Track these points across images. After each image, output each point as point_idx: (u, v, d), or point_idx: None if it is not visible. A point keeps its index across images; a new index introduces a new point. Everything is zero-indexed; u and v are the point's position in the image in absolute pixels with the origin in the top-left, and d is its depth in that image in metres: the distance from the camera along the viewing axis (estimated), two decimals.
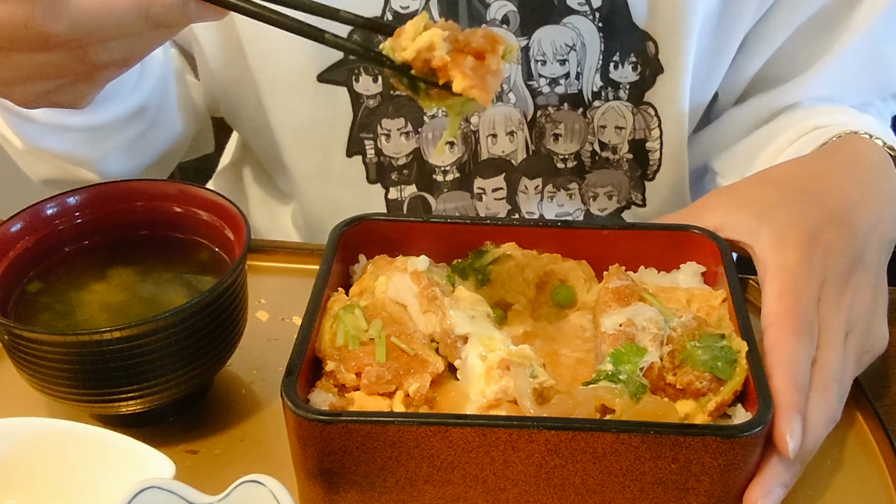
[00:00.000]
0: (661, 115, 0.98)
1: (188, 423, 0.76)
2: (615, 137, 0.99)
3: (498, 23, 0.92)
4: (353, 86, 0.94)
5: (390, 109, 0.96)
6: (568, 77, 0.95)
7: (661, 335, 0.67)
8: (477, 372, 0.66)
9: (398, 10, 0.90)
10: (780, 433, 0.63)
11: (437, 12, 0.91)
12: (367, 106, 0.95)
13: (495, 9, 0.92)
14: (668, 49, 0.93)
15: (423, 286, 0.70)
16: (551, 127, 0.98)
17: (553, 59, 0.94)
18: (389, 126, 0.96)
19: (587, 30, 0.93)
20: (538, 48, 0.94)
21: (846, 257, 0.74)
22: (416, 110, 0.96)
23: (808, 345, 0.68)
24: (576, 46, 0.93)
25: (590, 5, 0.91)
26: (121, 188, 0.81)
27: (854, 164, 0.84)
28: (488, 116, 0.97)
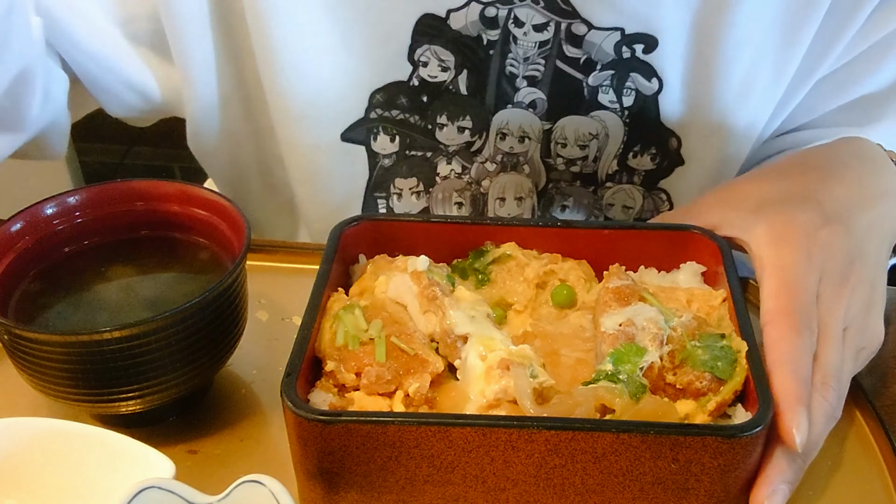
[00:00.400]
0: (674, 199, 0.98)
1: (188, 423, 0.76)
2: (621, 215, 1.00)
3: (525, 106, 0.92)
4: (370, 144, 0.95)
5: (404, 169, 0.96)
6: (585, 160, 0.96)
7: (661, 335, 0.67)
8: (477, 372, 0.66)
9: (426, 78, 0.91)
10: (787, 427, 0.63)
11: (465, 87, 0.91)
12: (382, 165, 0.96)
13: (524, 94, 0.92)
14: (693, 146, 0.93)
15: (424, 286, 0.71)
16: (560, 199, 0.99)
17: (573, 144, 0.95)
18: (402, 185, 0.97)
19: (613, 123, 0.93)
20: (561, 133, 0.94)
21: (844, 253, 0.74)
22: (429, 169, 0.96)
23: (808, 340, 0.68)
24: (598, 136, 0.94)
25: (621, 104, 0.91)
26: (121, 188, 0.81)
27: (853, 159, 0.83)
28: (500, 182, 0.98)
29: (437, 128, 0.93)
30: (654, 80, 0.90)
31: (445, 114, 0.92)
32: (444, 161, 0.96)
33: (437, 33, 0.88)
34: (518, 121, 0.93)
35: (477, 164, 0.96)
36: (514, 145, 0.94)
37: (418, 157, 0.95)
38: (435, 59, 0.90)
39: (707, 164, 0.94)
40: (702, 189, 0.96)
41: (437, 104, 0.92)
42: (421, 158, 0.95)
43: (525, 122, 0.93)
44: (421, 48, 0.89)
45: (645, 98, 0.91)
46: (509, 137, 0.94)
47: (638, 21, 0.87)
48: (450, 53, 0.90)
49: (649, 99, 0.91)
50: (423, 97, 0.92)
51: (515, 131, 0.93)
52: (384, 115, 0.93)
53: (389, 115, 0.93)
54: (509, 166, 0.96)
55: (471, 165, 0.96)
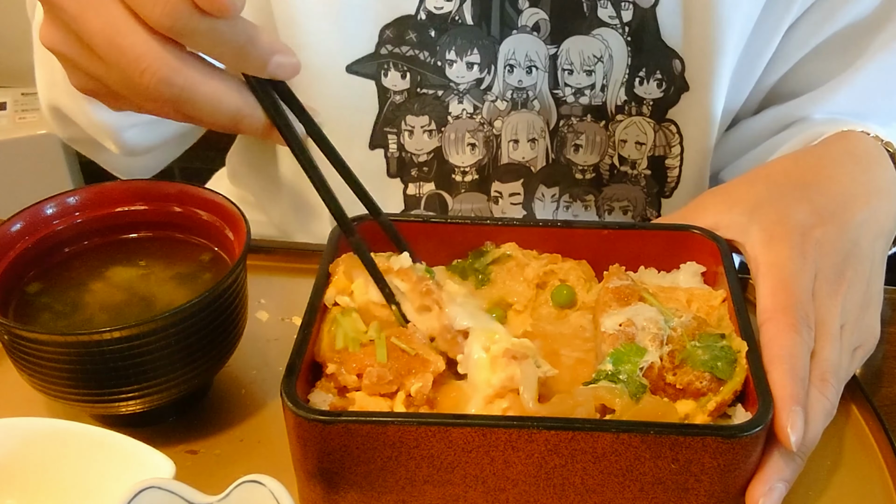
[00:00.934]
0: (683, 132, 0.98)
1: (188, 423, 0.76)
2: (635, 153, 1.00)
3: (528, 29, 0.93)
4: (381, 80, 0.95)
5: (416, 107, 0.97)
6: (593, 88, 0.96)
7: (661, 335, 0.67)
8: (482, 362, 0.66)
9: (432, 10, 0.91)
10: (782, 426, 0.63)
11: (470, 16, 0.92)
12: (393, 101, 0.96)
13: (527, 15, 0.92)
14: (695, 68, 0.94)
15: (415, 281, 0.70)
16: (573, 137, 0.99)
17: (580, 70, 0.95)
18: (413, 123, 0.97)
19: (616, 43, 0.93)
20: (566, 57, 0.94)
21: (838, 251, 0.74)
22: (441, 109, 0.97)
23: (806, 337, 0.68)
24: (603, 58, 0.94)
25: (620, 19, 0.92)
26: (121, 188, 0.81)
27: (847, 157, 0.84)
28: (512, 122, 0.98)
29: (447, 65, 0.94)
30: None
31: (454, 48, 0.93)
32: (456, 100, 0.96)
33: None
34: (524, 48, 0.94)
35: (488, 103, 0.97)
36: (522, 78, 0.95)
37: (430, 95, 0.96)
38: None
39: (710, 91, 0.94)
40: (709, 120, 0.97)
41: (444, 38, 0.93)
42: (432, 97, 0.96)
43: (531, 49, 0.94)
44: None
45: (644, 12, 0.92)
46: (517, 69, 0.95)
47: None
48: None
49: (648, 12, 0.92)
50: (430, 31, 0.92)
51: (523, 61, 0.94)
52: (394, 50, 0.93)
53: (399, 52, 0.93)
54: (519, 103, 0.97)
55: (482, 105, 0.97)
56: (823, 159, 0.84)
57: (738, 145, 1.04)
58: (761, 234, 0.74)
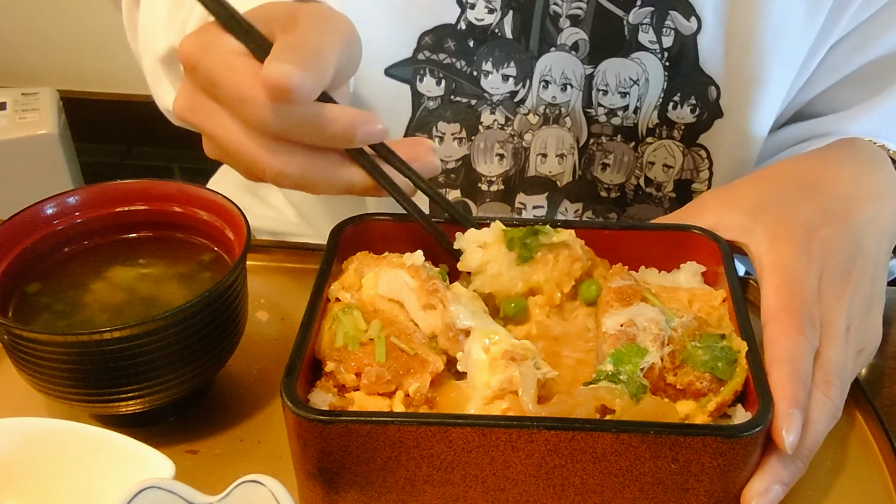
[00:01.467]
0: (714, 158, 0.98)
1: (188, 423, 0.76)
2: (662, 175, 1.00)
3: (567, 48, 0.93)
4: (416, 85, 0.95)
5: (448, 114, 0.97)
6: (626, 110, 0.96)
7: (662, 336, 0.67)
8: (481, 363, 0.66)
9: (473, 21, 0.92)
10: (778, 428, 0.63)
11: (510, 29, 0.92)
12: (426, 107, 0.97)
13: (567, 34, 0.93)
14: (731, 95, 0.94)
15: (423, 279, 0.70)
16: (601, 156, 1.00)
17: (615, 91, 0.95)
18: (445, 129, 0.98)
19: (653, 67, 0.94)
20: (602, 78, 0.95)
21: (843, 250, 0.74)
22: (473, 118, 0.97)
23: (810, 337, 0.67)
24: (639, 81, 0.94)
25: (660, 44, 0.92)
26: (121, 188, 0.81)
27: (849, 158, 0.84)
28: (542, 136, 0.98)
29: (483, 75, 0.95)
30: (693, 18, 0.90)
31: (490, 60, 0.94)
32: (488, 110, 0.97)
33: None
34: (561, 66, 0.94)
35: (520, 116, 0.97)
36: (556, 94, 0.96)
37: (463, 103, 0.97)
38: (482, 0, 0.91)
39: (744, 118, 0.95)
40: (740, 147, 0.97)
41: (482, 50, 0.93)
42: (465, 105, 0.97)
43: (567, 67, 0.94)
44: None
45: (684, 39, 0.92)
46: (552, 86, 0.95)
47: None
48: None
49: (688, 40, 0.92)
50: (469, 42, 0.93)
51: (558, 78, 0.95)
52: (431, 57, 0.94)
53: (436, 59, 0.94)
54: (551, 118, 0.97)
55: (514, 117, 0.97)
56: (825, 161, 0.84)
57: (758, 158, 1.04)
58: (765, 234, 0.74)
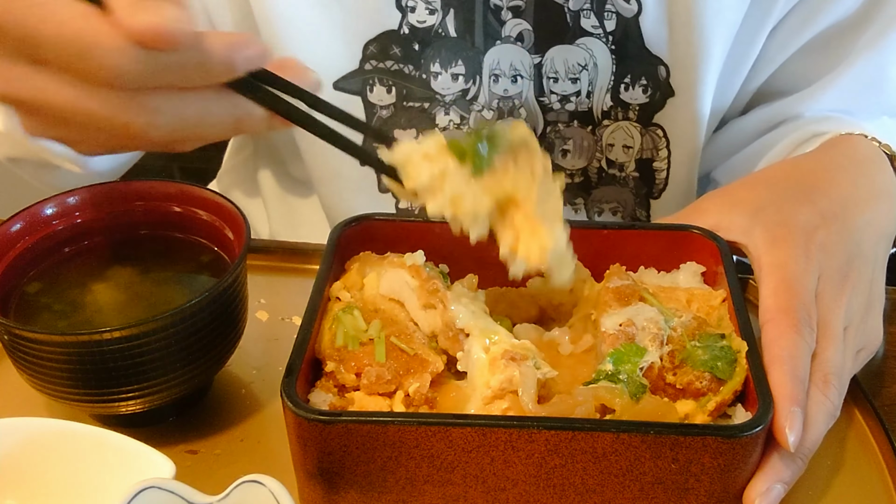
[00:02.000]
0: (670, 136, 0.99)
1: (188, 423, 0.76)
2: (622, 156, 1.01)
3: (512, 40, 0.93)
4: (367, 95, 0.95)
5: (402, 120, 0.97)
6: (579, 95, 0.96)
7: (661, 335, 0.67)
8: (481, 363, 0.66)
9: (415, 24, 0.92)
10: (780, 426, 0.63)
11: (453, 28, 0.92)
12: (380, 116, 0.97)
13: (510, 26, 0.93)
14: (680, 73, 0.94)
15: (424, 279, 0.70)
16: (560, 143, 1.00)
17: (565, 77, 0.95)
18: (401, 136, 0.97)
19: (600, 51, 0.94)
20: (551, 66, 0.95)
21: (842, 251, 0.74)
22: (427, 121, 0.97)
23: (808, 338, 0.68)
24: (588, 66, 0.95)
25: (604, 29, 0.92)
26: (121, 188, 0.81)
27: (847, 161, 0.84)
28: None
29: (432, 77, 0.94)
30: (633, 1, 0.91)
31: (438, 61, 0.94)
32: (442, 111, 0.97)
33: None
34: (509, 58, 0.94)
35: (474, 113, 0.97)
36: (507, 87, 0.95)
37: (416, 108, 0.96)
38: (422, 3, 0.91)
39: (696, 95, 0.95)
40: (695, 124, 0.97)
41: (429, 52, 0.93)
42: (418, 110, 0.96)
43: (515, 59, 0.94)
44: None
45: (627, 22, 0.92)
46: (502, 79, 0.95)
47: None
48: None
49: (630, 22, 0.92)
50: (414, 45, 0.93)
51: (507, 70, 0.95)
52: (379, 66, 0.94)
53: (384, 66, 0.94)
54: (506, 112, 0.97)
55: (468, 115, 0.97)
56: (824, 163, 0.84)
57: (728, 145, 1.05)
58: (764, 235, 0.74)
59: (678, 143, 0.99)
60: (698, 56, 0.92)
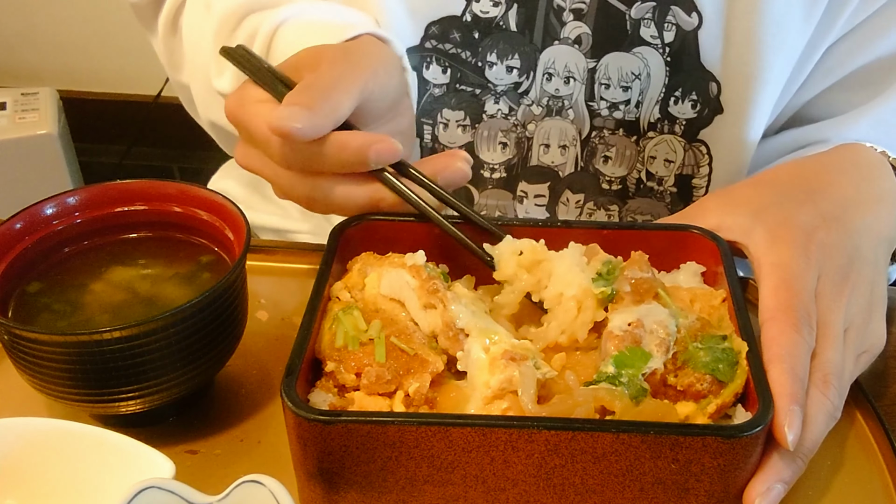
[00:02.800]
0: (714, 153, 0.99)
1: (188, 423, 0.76)
2: (663, 169, 1.01)
3: (570, 42, 0.94)
4: (422, 72, 0.97)
5: (453, 101, 0.98)
6: (628, 104, 0.97)
7: (668, 341, 0.66)
8: (481, 363, 0.66)
9: (478, 13, 0.93)
10: (779, 425, 0.63)
11: (514, 23, 0.93)
12: (432, 93, 0.98)
13: (570, 28, 0.94)
14: (732, 92, 0.94)
15: (424, 279, 0.70)
16: (603, 148, 1.00)
17: (617, 85, 0.96)
18: (449, 116, 0.99)
19: (655, 62, 0.94)
20: (604, 72, 0.96)
21: (842, 253, 0.74)
22: (477, 106, 0.98)
23: (807, 337, 0.67)
24: (641, 76, 0.95)
25: (662, 39, 0.93)
26: (121, 188, 0.81)
27: (850, 164, 0.84)
28: (545, 127, 1.00)
29: (487, 66, 0.96)
30: (694, 14, 0.91)
31: (495, 52, 0.95)
32: (492, 100, 0.98)
33: None
34: (564, 59, 0.95)
35: (523, 107, 0.98)
36: (559, 87, 0.97)
37: (467, 92, 0.98)
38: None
39: (744, 115, 0.96)
40: (739, 143, 0.98)
41: (487, 41, 0.95)
42: (470, 94, 0.98)
43: (570, 61, 0.95)
44: None
45: (685, 34, 0.92)
46: (555, 78, 0.96)
47: None
48: None
49: (689, 35, 0.92)
50: (474, 33, 0.94)
51: (561, 71, 0.96)
52: (438, 46, 0.96)
53: (443, 48, 0.96)
54: (554, 110, 0.98)
55: (517, 107, 0.98)
56: (827, 166, 0.84)
57: (755, 164, 1.04)
58: (765, 235, 0.74)
59: (721, 161, 0.99)
60: (752, 75, 0.92)
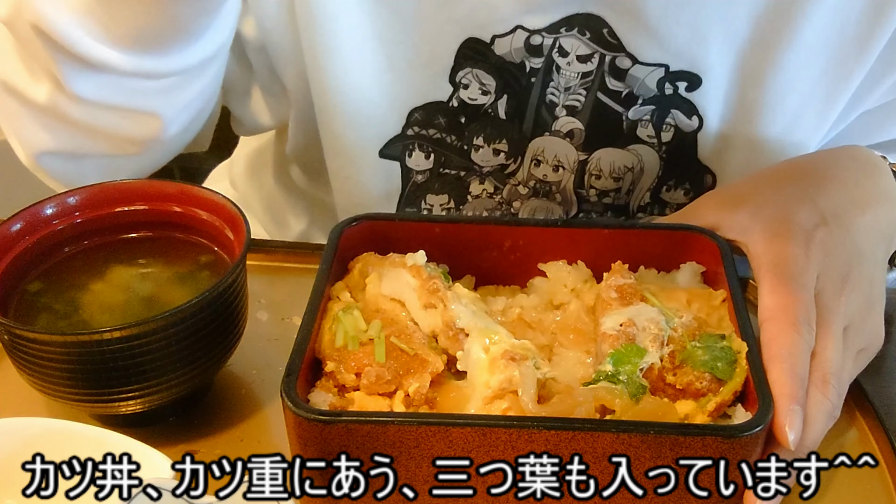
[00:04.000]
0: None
1: (188, 423, 0.76)
2: None
3: (562, 135, 0.92)
4: (405, 160, 0.95)
5: (437, 185, 0.97)
6: (618, 192, 0.96)
7: (661, 336, 0.67)
8: (481, 363, 0.66)
9: (466, 100, 0.91)
10: (780, 425, 0.63)
11: (503, 111, 0.91)
12: (415, 181, 0.96)
13: (562, 122, 0.92)
14: (727, 182, 0.93)
15: (424, 279, 0.70)
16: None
17: (608, 176, 0.95)
18: (433, 201, 0.98)
19: (649, 157, 0.93)
20: (596, 165, 0.94)
21: (842, 251, 0.74)
22: (461, 188, 0.96)
23: (806, 336, 0.67)
24: (634, 169, 0.94)
25: (658, 139, 0.92)
26: (121, 188, 0.81)
27: (849, 162, 0.84)
28: (531, 206, 0.98)
29: (473, 149, 0.94)
30: (695, 117, 0.90)
31: (482, 136, 0.93)
32: (478, 181, 0.96)
33: (480, 57, 0.89)
34: (554, 149, 0.93)
35: (509, 186, 0.97)
36: (547, 173, 0.95)
37: (451, 175, 0.96)
38: (476, 83, 0.90)
39: None
40: None
41: (474, 126, 0.93)
42: (454, 177, 0.96)
43: (561, 152, 0.93)
44: (463, 71, 0.89)
45: (684, 135, 0.91)
46: (543, 165, 0.94)
47: (683, 59, 0.87)
48: (491, 78, 0.90)
49: (688, 135, 0.91)
50: (461, 118, 0.92)
51: (550, 159, 0.94)
52: (421, 132, 0.93)
53: (426, 133, 0.93)
54: (541, 193, 0.97)
55: (503, 186, 0.97)
56: (826, 164, 0.84)
57: None
58: (764, 234, 0.74)
59: None
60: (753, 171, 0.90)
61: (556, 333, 0.73)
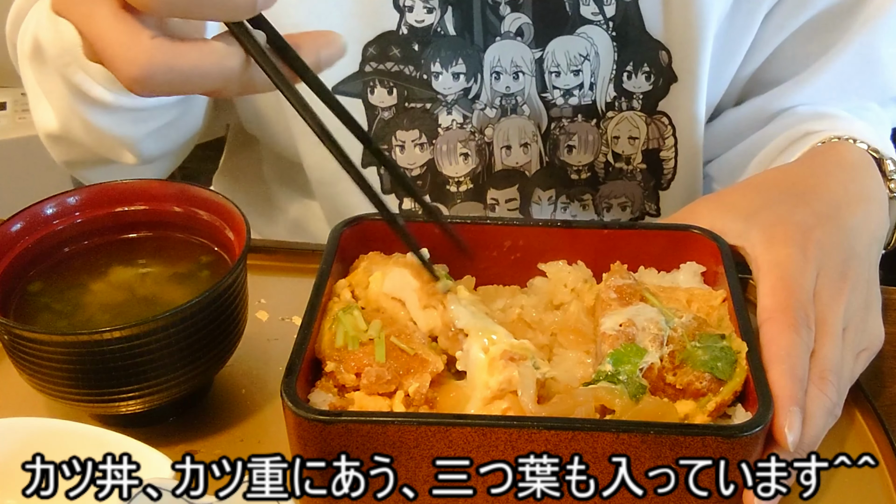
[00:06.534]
0: (676, 123, 0.99)
1: (188, 423, 0.76)
2: (629, 148, 1.00)
3: (512, 35, 0.93)
4: (367, 97, 0.95)
5: (405, 121, 0.96)
6: (582, 88, 0.96)
7: (661, 336, 0.67)
8: (480, 364, 0.66)
9: (413, 24, 0.91)
10: (779, 426, 0.63)
11: (452, 26, 0.92)
12: (381, 118, 0.96)
13: (509, 21, 0.93)
14: (682, 58, 0.94)
15: (425, 279, 0.70)
16: (565, 139, 0.99)
17: (567, 70, 0.95)
18: (404, 137, 0.97)
19: (601, 40, 0.94)
20: (552, 59, 0.95)
21: (839, 251, 0.74)
22: (431, 122, 0.96)
23: (805, 337, 0.68)
24: (589, 56, 0.94)
25: (603, 15, 0.92)
26: (121, 188, 0.81)
27: (836, 166, 0.84)
28: (503, 128, 0.98)
29: (433, 77, 0.94)
30: None
31: (438, 60, 0.93)
32: (445, 111, 0.97)
33: None
34: (509, 54, 0.94)
35: (477, 112, 0.97)
36: (509, 84, 0.95)
37: (418, 108, 0.96)
38: (419, 1, 0.91)
39: (697, 79, 0.95)
40: (699, 109, 0.97)
41: (428, 51, 0.93)
42: (421, 110, 0.96)
43: (516, 55, 0.94)
44: None
45: (626, 6, 0.92)
46: (503, 76, 0.95)
47: None
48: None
49: (630, 6, 0.92)
50: (413, 45, 0.93)
51: (509, 67, 0.95)
52: (379, 67, 0.94)
53: (384, 68, 0.94)
54: (509, 109, 0.97)
55: (471, 114, 0.97)
56: (813, 168, 0.85)
57: (723, 138, 1.05)
58: (761, 236, 0.74)
59: (684, 130, 0.99)
60: (697, 38, 0.92)
61: (556, 333, 0.73)
